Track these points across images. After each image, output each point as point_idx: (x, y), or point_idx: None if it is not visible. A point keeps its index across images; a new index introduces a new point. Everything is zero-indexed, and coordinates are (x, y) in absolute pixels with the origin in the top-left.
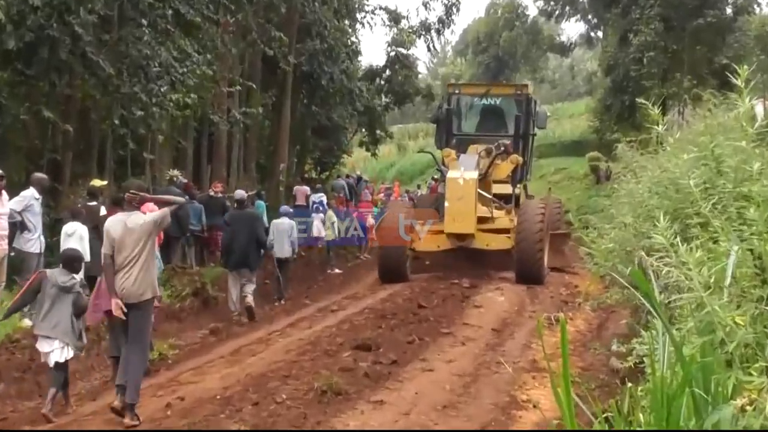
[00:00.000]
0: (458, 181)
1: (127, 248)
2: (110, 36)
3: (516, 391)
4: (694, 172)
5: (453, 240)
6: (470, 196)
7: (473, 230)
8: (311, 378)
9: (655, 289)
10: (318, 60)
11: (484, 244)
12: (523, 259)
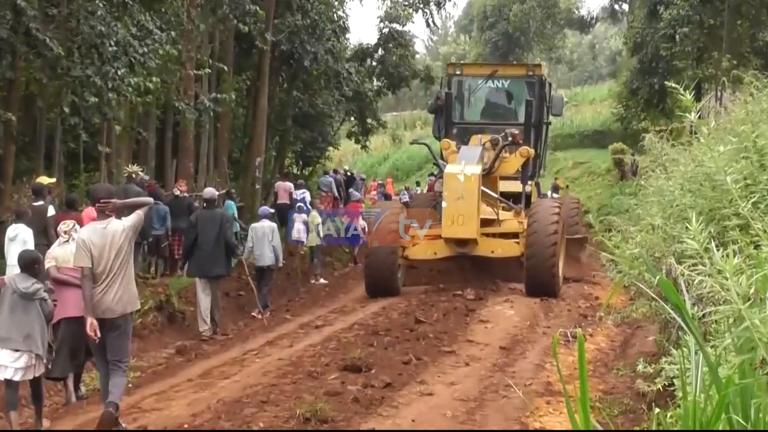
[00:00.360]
0: (458, 177)
1: (107, 260)
2: (59, 11)
3: (527, 418)
4: (732, 167)
5: (452, 246)
6: (472, 195)
7: (476, 235)
8: (293, 404)
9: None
10: (300, 38)
11: (488, 251)
12: (534, 269)
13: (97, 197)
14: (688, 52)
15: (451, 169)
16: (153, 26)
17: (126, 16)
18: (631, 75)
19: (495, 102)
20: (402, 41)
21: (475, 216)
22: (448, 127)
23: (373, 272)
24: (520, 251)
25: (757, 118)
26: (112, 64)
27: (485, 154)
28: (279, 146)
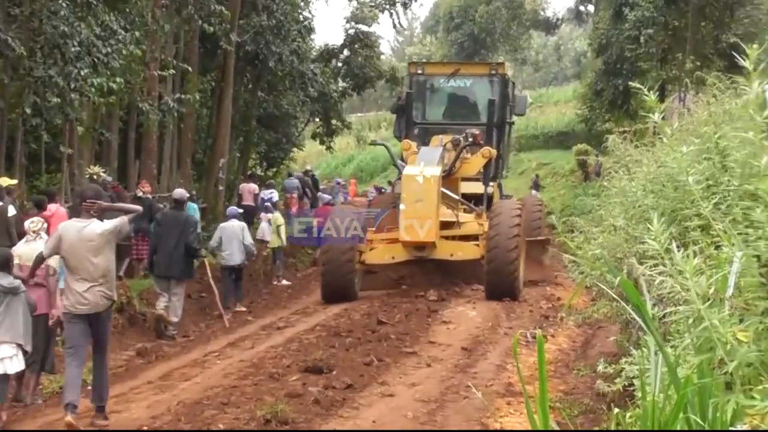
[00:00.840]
0: (417, 179)
1: (84, 258)
2: (21, 10)
3: (488, 419)
4: (695, 168)
5: (410, 250)
6: (431, 197)
7: (434, 238)
8: (253, 405)
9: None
10: (265, 38)
11: (447, 254)
12: (495, 272)
13: (85, 196)
14: (652, 53)
15: (409, 170)
16: (117, 26)
17: (89, 16)
18: (596, 76)
19: (457, 102)
20: (368, 42)
21: (434, 219)
22: (409, 128)
23: (330, 277)
24: (480, 254)
25: (719, 119)
26: (75, 64)
27: (446, 155)
28: (243, 147)
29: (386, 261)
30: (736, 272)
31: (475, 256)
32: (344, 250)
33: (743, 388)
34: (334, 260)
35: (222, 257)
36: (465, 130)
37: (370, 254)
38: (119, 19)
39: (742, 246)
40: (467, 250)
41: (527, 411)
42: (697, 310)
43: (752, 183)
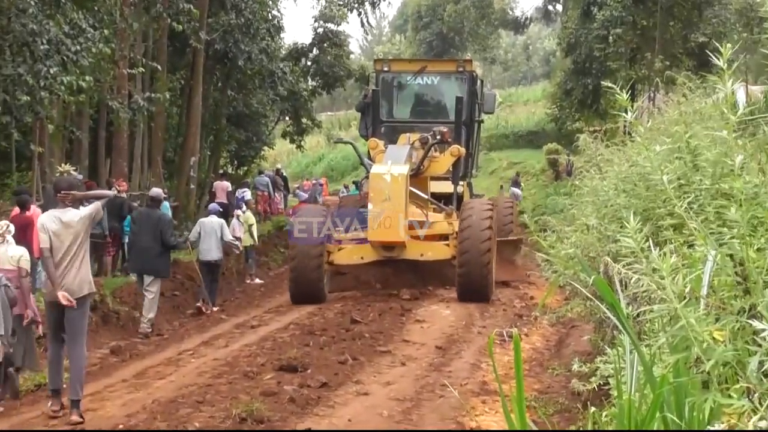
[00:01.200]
0: (384, 178)
1: (64, 245)
2: None
3: (464, 418)
4: (667, 167)
5: (379, 250)
6: (399, 196)
7: (403, 238)
8: (228, 404)
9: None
10: (234, 37)
11: (417, 254)
12: (467, 274)
13: (59, 188)
14: (621, 53)
15: (377, 169)
16: (86, 24)
17: (58, 14)
18: (565, 76)
19: (425, 99)
20: (337, 41)
21: (403, 218)
22: (376, 126)
23: (298, 279)
24: (450, 254)
25: (690, 118)
26: (44, 62)
27: (414, 153)
28: (213, 146)
29: (355, 261)
30: (710, 271)
31: (445, 257)
32: (312, 251)
33: (720, 387)
34: (302, 261)
35: (199, 252)
36: (433, 128)
37: (339, 254)
38: (88, 17)
39: (715, 245)
40: (437, 250)
41: (503, 410)
42: (673, 309)
43: (725, 182)
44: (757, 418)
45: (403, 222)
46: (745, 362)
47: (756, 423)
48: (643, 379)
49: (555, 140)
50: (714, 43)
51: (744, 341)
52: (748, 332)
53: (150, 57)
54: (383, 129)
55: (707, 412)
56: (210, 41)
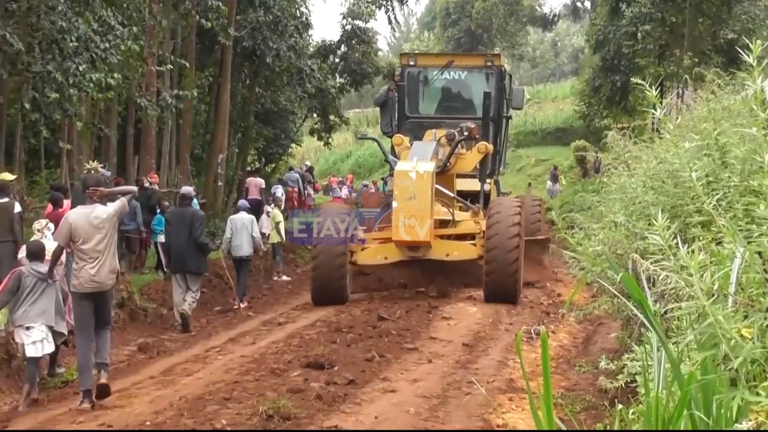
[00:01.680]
0: (410, 175)
1: (95, 240)
2: (18, 6)
3: (490, 415)
4: (695, 164)
5: (404, 250)
6: (425, 194)
7: (429, 237)
8: (255, 401)
9: (649, 298)
10: (262, 34)
11: (443, 254)
12: (494, 273)
13: (87, 185)
14: (650, 49)
15: (402, 166)
16: (114, 22)
17: (87, 12)
18: (594, 72)
19: (451, 95)
20: (365, 38)
21: (429, 217)
22: (401, 122)
23: (320, 279)
24: (477, 254)
25: (719, 115)
26: (73, 59)
27: (440, 150)
28: (241, 143)
29: (379, 261)
30: (739, 268)
31: (472, 257)
32: (336, 251)
33: (748, 385)
34: (325, 261)
35: (232, 248)
36: (460, 124)
37: (362, 254)
38: (117, 14)
39: (744, 242)
40: (464, 250)
41: (531, 407)
42: (701, 306)
43: (754, 179)
44: None
45: (429, 221)
46: None
47: None
48: (670, 377)
49: (583, 137)
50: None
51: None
52: None
53: (178, 54)
54: (408, 125)
55: (735, 409)
56: (238, 38)
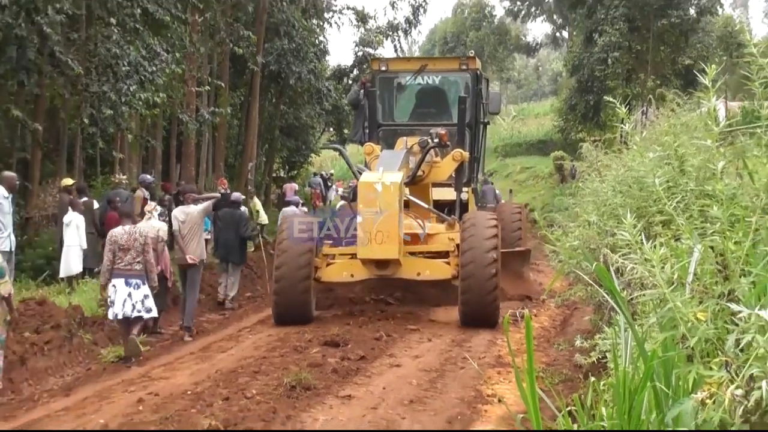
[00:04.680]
0: (375, 187)
1: (187, 228)
2: (78, 35)
3: (481, 386)
4: (658, 171)
5: (371, 268)
6: (392, 208)
7: (397, 255)
8: (280, 373)
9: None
10: (286, 59)
11: (414, 273)
12: (470, 299)
13: (185, 192)
14: (618, 73)
15: (367, 177)
16: (160, 49)
17: (137, 40)
18: (570, 93)
19: (426, 100)
20: None
21: (396, 233)
22: (373, 130)
23: (283, 297)
24: (450, 273)
25: (678, 130)
26: (125, 81)
27: (411, 158)
28: (268, 153)
29: (344, 279)
30: (695, 261)
31: (445, 276)
32: (299, 266)
33: (702, 361)
34: (289, 277)
35: None
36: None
37: (327, 271)
38: (162, 42)
39: (699, 239)
40: (436, 268)
41: (516, 379)
42: (662, 294)
43: (708, 184)
44: (734, 387)
45: (398, 237)
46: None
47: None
48: (636, 354)
49: (561, 148)
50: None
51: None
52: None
53: (214, 76)
54: (381, 133)
55: (691, 382)
56: (265, 63)
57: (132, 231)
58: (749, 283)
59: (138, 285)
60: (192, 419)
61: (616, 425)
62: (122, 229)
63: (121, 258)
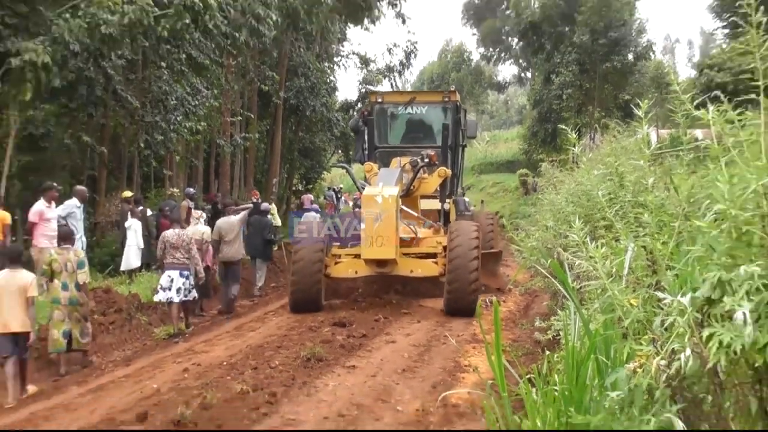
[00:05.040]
0: (376, 199)
1: (231, 234)
2: (136, 76)
3: (460, 358)
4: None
5: (372, 266)
6: (390, 216)
7: (394, 255)
8: (298, 348)
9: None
10: (303, 95)
11: (407, 271)
12: (455, 292)
13: (226, 205)
14: (571, 106)
15: (369, 191)
16: (201, 86)
17: (183, 80)
18: (532, 122)
19: (414, 127)
20: None
21: (394, 237)
22: (371, 151)
23: (299, 289)
24: (438, 271)
25: (618, 152)
26: (173, 113)
27: (404, 175)
28: (289, 170)
29: (350, 275)
30: (630, 258)
31: (433, 274)
32: (313, 263)
33: (634, 338)
34: (304, 272)
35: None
36: (422, 152)
37: (335, 268)
38: (203, 81)
39: (633, 240)
40: (426, 267)
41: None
42: (603, 284)
43: (641, 196)
44: (659, 358)
45: (395, 240)
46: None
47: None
48: (582, 332)
49: (525, 167)
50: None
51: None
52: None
53: (245, 109)
54: (378, 153)
55: (625, 354)
56: (286, 98)
57: (180, 233)
58: (673, 275)
59: (187, 275)
60: (227, 384)
61: (566, 389)
62: (172, 232)
63: (173, 254)
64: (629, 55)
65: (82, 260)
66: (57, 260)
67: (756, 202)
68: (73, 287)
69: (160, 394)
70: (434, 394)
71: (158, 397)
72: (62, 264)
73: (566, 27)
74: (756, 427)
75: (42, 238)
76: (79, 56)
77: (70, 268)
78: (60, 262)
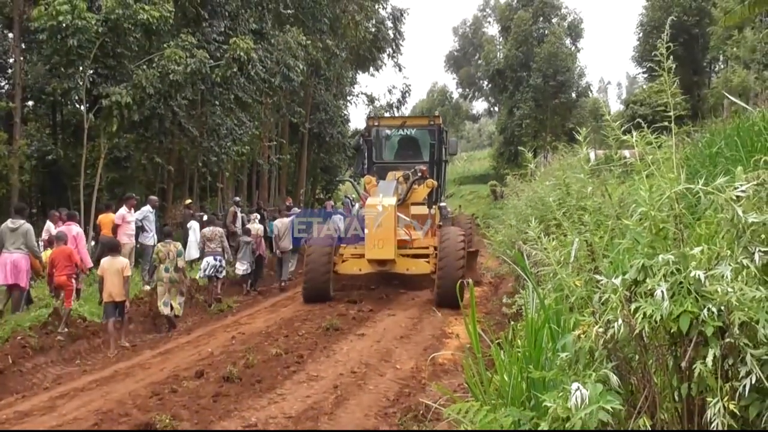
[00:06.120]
0: (377, 208)
1: (283, 230)
2: (196, 111)
3: (445, 327)
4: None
5: (374, 265)
6: (389, 222)
7: (393, 256)
8: (320, 320)
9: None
10: (323, 125)
11: (404, 269)
12: (444, 287)
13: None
14: (529, 133)
15: (371, 200)
16: (245, 119)
17: (231, 114)
18: (500, 145)
19: (405, 146)
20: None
21: (393, 240)
22: (370, 166)
23: (311, 282)
24: (430, 270)
25: (565, 168)
26: (224, 140)
27: (399, 187)
28: (312, 183)
29: (354, 272)
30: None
31: (426, 272)
32: (323, 260)
33: (579, 311)
34: (315, 268)
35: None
36: (412, 167)
37: (342, 265)
38: (246, 115)
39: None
40: (420, 266)
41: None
42: (555, 269)
43: (583, 201)
44: (597, 327)
45: (393, 243)
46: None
47: (597, 330)
48: (539, 307)
49: (494, 179)
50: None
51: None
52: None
53: (279, 136)
54: (375, 168)
55: (572, 324)
56: (310, 128)
57: (214, 229)
58: (608, 262)
59: (220, 260)
60: (265, 348)
61: (527, 351)
62: (209, 229)
63: (209, 246)
64: (573, 93)
65: (180, 251)
66: (161, 251)
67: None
68: (173, 270)
69: (213, 356)
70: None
71: (212, 358)
72: (165, 253)
73: (524, 72)
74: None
75: (124, 236)
76: (153, 97)
77: (172, 257)
78: (164, 252)
